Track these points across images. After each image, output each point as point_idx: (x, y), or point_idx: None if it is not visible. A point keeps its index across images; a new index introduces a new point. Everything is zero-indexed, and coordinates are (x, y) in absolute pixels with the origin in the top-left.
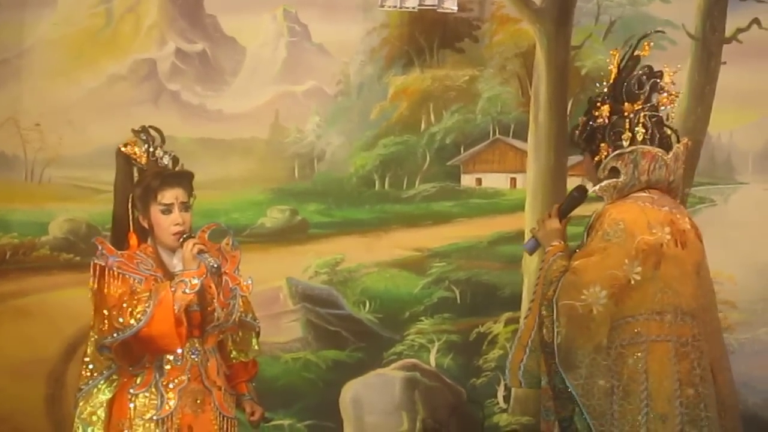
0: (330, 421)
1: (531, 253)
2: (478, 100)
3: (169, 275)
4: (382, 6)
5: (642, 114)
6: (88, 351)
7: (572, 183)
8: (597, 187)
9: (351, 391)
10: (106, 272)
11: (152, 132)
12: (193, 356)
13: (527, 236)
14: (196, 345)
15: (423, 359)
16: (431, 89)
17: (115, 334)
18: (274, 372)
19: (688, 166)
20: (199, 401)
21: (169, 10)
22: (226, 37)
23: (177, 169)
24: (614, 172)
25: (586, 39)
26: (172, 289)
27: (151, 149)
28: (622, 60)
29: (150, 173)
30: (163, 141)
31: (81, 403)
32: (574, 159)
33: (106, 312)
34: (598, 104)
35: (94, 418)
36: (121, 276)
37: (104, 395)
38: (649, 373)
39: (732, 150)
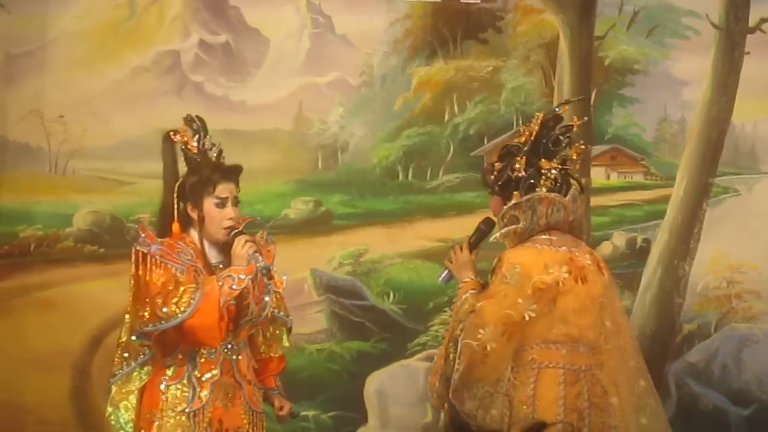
0: (354, 412)
1: (446, 283)
2: (502, 91)
3: (209, 267)
4: None
5: (556, 170)
6: (123, 337)
7: (596, 173)
8: (498, 234)
9: (375, 382)
10: (149, 259)
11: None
12: (225, 350)
13: None
14: (229, 339)
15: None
16: (455, 80)
17: (157, 323)
18: (299, 363)
19: (711, 156)
20: (229, 395)
21: (192, 2)
22: (250, 29)
23: (222, 161)
24: (514, 219)
25: (609, 29)
26: (220, 283)
27: (202, 139)
28: (544, 118)
29: (207, 165)
30: (206, 131)
31: (114, 389)
32: (598, 149)
33: (147, 300)
34: (517, 156)
35: (126, 404)
36: (163, 264)
37: (136, 383)
38: (536, 398)
39: (756, 140)
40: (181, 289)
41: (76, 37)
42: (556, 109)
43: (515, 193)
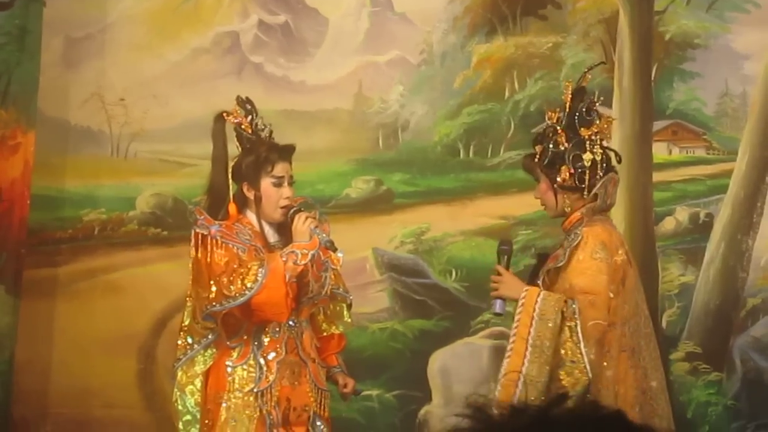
0: (418, 391)
1: (503, 313)
2: (562, 67)
3: (269, 247)
4: None
5: (598, 137)
6: (185, 321)
7: (657, 149)
8: (584, 208)
9: (439, 360)
10: (209, 241)
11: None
12: (289, 328)
13: None
14: (292, 317)
15: (510, 327)
16: (514, 57)
17: (224, 302)
18: (362, 342)
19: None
20: (295, 373)
21: None
22: (309, 8)
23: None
24: (574, 192)
25: (669, 4)
26: (284, 259)
27: (255, 120)
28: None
29: (264, 144)
30: (257, 112)
31: (179, 373)
32: (659, 124)
33: (212, 281)
34: (558, 132)
35: (192, 388)
36: (224, 245)
37: (201, 366)
38: (617, 383)
39: None
40: (247, 266)
41: (136, 19)
42: (584, 79)
43: (563, 167)
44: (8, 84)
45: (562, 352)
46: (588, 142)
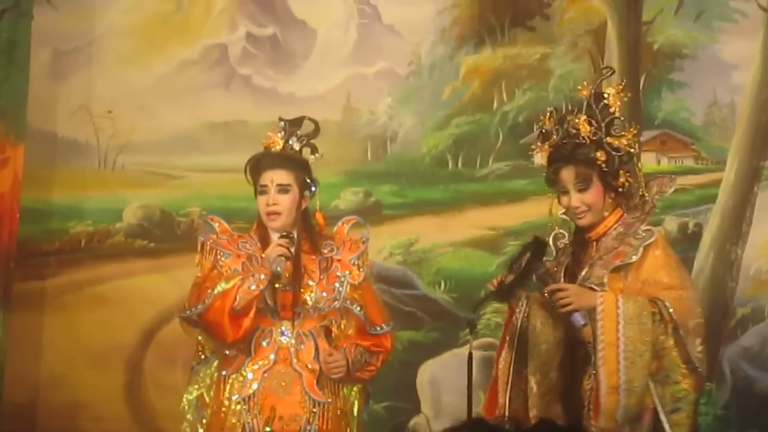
0: (407, 402)
1: (587, 323)
2: (550, 78)
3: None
4: None
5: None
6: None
7: (646, 159)
8: (639, 211)
9: (428, 371)
10: (201, 247)
11: (304, 122)
12: (281, 338)
13: None
14: (284, 326)
15: (499, 338)
16: (503, 68)
17: (186, 311)
18: None
19: (762, 140)
20: (284, 384)
21: None
22: (297, 21)
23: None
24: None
25: (657, 14)
26: (242, 281)
27: (288, 138)
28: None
29: (258, 153)
30: (315, 131)
31: (191, 383)
32: (648, 134)
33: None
34: (609, 138)
35: (201, 400)
36: (214, 251)
37: (212, 377)
38: None
39: None
40: (214, 282)
41: (124, 32)
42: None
43: (621, 172)
44: None
45: (669, 357)
46: (627, 150)
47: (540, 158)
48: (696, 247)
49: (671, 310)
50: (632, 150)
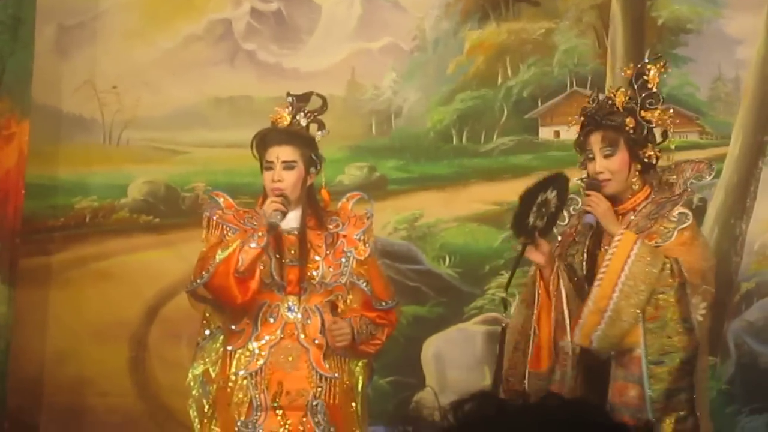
0: (412, 377)
1: (594, 226)
2: (555, 53)
3: (277, 231)
4: None
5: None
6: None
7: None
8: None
9: (432, 346)
10: (207, 222)
11: (312, 97)
12: (288, 313)
13: None
14: (291, 302)
15: (503, 315)
16: (507, 43)
17: (192, 283)
18: None
19: (766, 115)
20: (291, 359)
21: None
22: None
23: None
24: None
25: None
26: (242, 242)
27: (296, 114)
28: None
29: (264, 129)
30: (322, 107)
31: (196, 359)
32: None
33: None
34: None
35: (206, 375)
36: (220, 226)
37: (219, 351)
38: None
39: None
40: (215, 251)
41: (128, 7)
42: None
43: (649, 145)
44: (2, 74)
45: (671, 311)
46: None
47: (545, 132)
48: (700, 222)
49: (684, 267)
50: (667, 128)
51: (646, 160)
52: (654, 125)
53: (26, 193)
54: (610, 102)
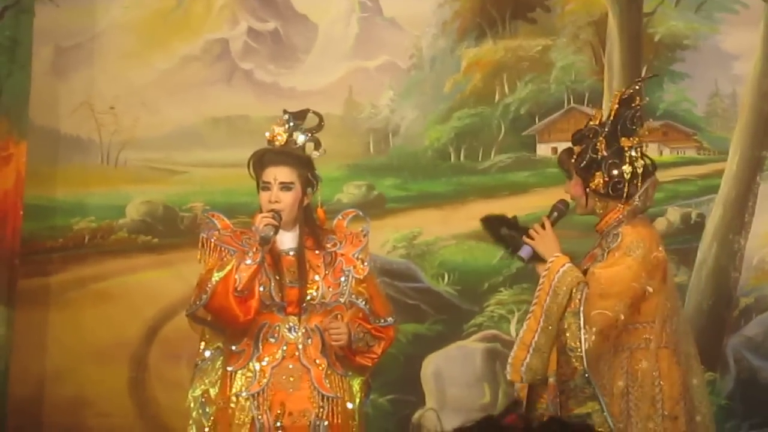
0: (412, 395)
1: (527, 260)
2: (552, 70)
3: (275, 252)
4: None
5: (637, 148)
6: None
7: (648, 150)
8: (625, 211)
9: (432, 364)
10: (206, 244)
11: (308, 115)
12: (289, 334)
13: None
14: (291, 322)
15: (503, 330)
16: (504, 60)
17: (191, 306)
18: None
19: (764, 129)
20: (293, 379)
21: None
22: (298, 15)
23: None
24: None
25: (658, 5)
26: (238, 261)
27: (292, 132)
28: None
29: (261, 149)
30: (319, 125)
31: (195, 380)
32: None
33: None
34: (597, 138)
35: (206, 396)
36: (218, 248)
37: (218, 372)
38: (662, 378)
39: None
40: (211, 273)
41: (125, 28)
42: (630, 89)
43: (597, 173)
44: (0, 95)
45: (564, 338)
46: (628, 153)
47: (543, 149)
48: (699, 237)
49: (585, 291)
50: (634, 155)
51: (593, 187)
52: (630, 150)
53: (24, 214)
54: (587, 125)
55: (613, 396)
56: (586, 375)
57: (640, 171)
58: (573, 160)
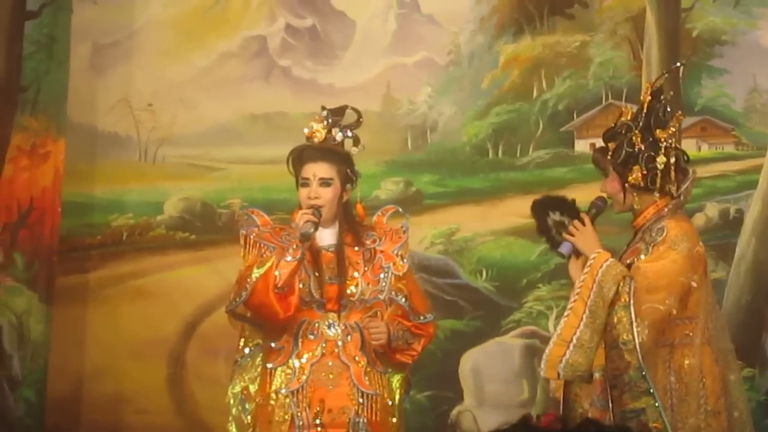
0: (450, 392)
1: (568, 256)
2: (590, 66)
3: (314, 248)
4: None
5: (673, 139)
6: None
7: (686, 145)
8: (671, 205)
9: (470, 360)
10: (245, 240)
11: (347, 111)
12: (328, 330)
13: None
14: (331, 319)
15: (541, 326)
16: (542, 56)
17: (231, 303)
18: None
19: None
20: (332, 376)
21: None
22: (336, 12)
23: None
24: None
25: (696, 0)
26: (277, 258)
27: (331, 128)
28: (652, 91)
29: (299, 147)
30: (357, 121)
31: (234, 377)
32: (688, 121)
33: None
34: (631, 132)
35: (248, 388)
36: (257, 244)
37: (258, 369)
38: (704, 374)
39: None
40: (252, 270)
41: (163, 25)
42: (661, 79)
43: (635, 167)
44: (38, 92)
45: (615, 332)
46: (663, 145)
47: (581, 145)
48: (737, 233)
49: (632, 284)
50: (668, 146)
51: (632, 182)
52: (637, 147)
53: (63, 212)
54: (618, 121)
55: (659, 390)
56: (641, 369)
57: (672, 161)
58: (609, 157)
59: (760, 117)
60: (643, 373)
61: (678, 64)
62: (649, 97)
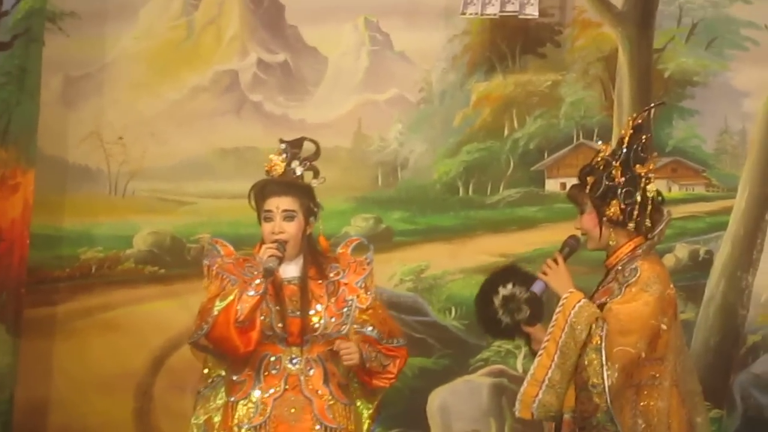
0: (417, 429)
1: (541, 295)
2: (561, 105)
3: (277, 281)
4: (464, 14)
5: (652, 175)
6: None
7: (657, 185)
8: (645, 245)
9: (438, 398)
10: (207, 271)
11: (304, 144)
12: (290, 365)
13: None
14: (294, 353)
15: (510, 365)
16: (514, 95)
17: (193, 335)
18: None
19: None
20: (294, 411)
21: (250, 21)
22: (308, 47)
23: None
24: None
25: (668, 42)
26: (240, 292)
27: (290, 161)
28: (633, 125)
29: (261, 180)
30: (316, 153)
31: (197, 408)
32: (659, 161)
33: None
34: (614, 165)
35: (209, 423)
36: (220, 276)
37: (221, 400)
38: (671, 416)
39: None
40: (214, 302)
41: (135, 58)
42: (643, 115)
43: (614, 201)
44: (8, 123)
45: (585, 374)
46: (642, 180)
47: (552, 185)
48: (707, 274)
49: (604, 327)
50: (646, 182)
51: (610, 217)
52: (616, 181)
53: (31, 243)
54: (596, 158)
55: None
56: (609, 413)
57: (649, 197)
58: (588, 191)
59: (731, 159)
60: (611, 416)
61: (660, 102)
62: (631, 131)
